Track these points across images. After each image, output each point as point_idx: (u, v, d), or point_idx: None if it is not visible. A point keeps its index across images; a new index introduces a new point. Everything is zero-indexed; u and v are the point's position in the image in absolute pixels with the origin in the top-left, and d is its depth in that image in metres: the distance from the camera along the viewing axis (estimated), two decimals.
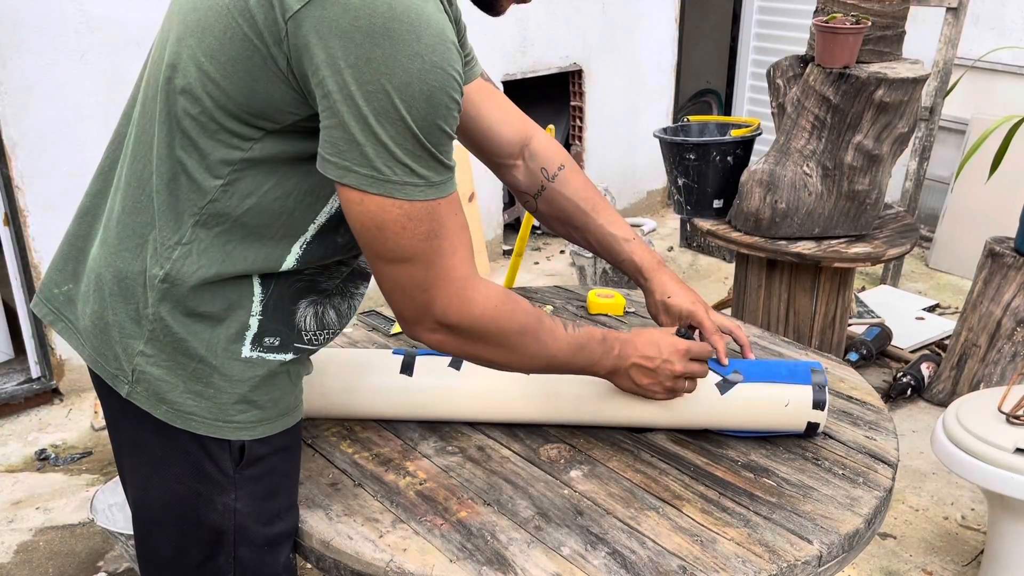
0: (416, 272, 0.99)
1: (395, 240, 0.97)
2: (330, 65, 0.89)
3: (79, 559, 2.37)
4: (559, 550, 1.08)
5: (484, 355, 1.10)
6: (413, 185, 0.94)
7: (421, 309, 1.02)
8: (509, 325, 1.08)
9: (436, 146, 0.94)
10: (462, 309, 1.03)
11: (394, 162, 0.92)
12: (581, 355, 1.18)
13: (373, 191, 0.93)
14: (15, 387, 3.08)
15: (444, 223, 0.99)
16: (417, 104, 0.90)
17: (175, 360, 1.05)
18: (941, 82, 3.74)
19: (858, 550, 1.16)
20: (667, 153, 2.85)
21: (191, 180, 1.00)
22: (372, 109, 0.89)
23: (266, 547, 1.12)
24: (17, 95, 2.81)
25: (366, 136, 0.91)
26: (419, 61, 0.89)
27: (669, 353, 1.23)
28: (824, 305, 2.77)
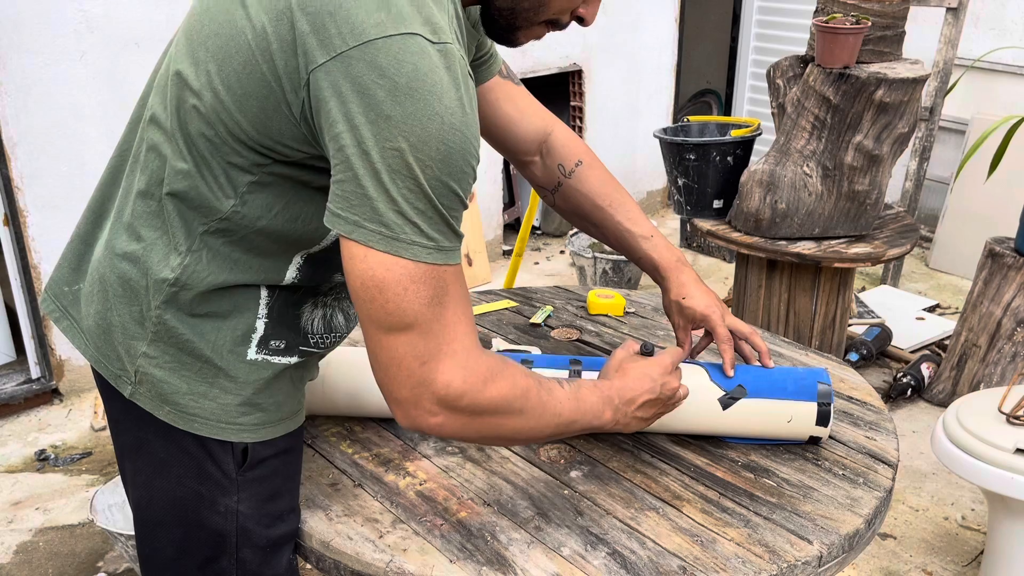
0: (416, 341, 0.94)
1: (396, 303, 0.93)
2: (348, 120, 0.88)
3: (79, 559, 2.37)
4: (559, 550, 1.08)
5: (491, 429, 1.02)
6: (421, 246, 0.92)
7: (420, 385, 0.95)
8: (513, 390, 1.02)
9: (448, 209, 0.93)
10: (466, 381, 0.96)
11: (404, 220, 0.90)
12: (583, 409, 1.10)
13: (379, 248, 0.91)
14: (15, 387, 3.08)
15: (449, 291, 0.95)
16: (432, 164, 0.89)
17: (179, 361, 1.05)
18: (941, 82, 3.74)
19: (858, 550, 1.16)
20: (667, 153, 2.85)
21: (202, 197, 1.00)
22: (386, 166, 0.88)
23: (268, 549, 1.12)
24: (17, 95, 2.81)
25: (378, 191, 0.89)
26: (438, 121, 0.88)
27: (662, 376, 1.19)
28: (824, 305, 2.77)
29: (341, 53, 0.87)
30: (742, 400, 1.26)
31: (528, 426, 1.04)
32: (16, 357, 3.25)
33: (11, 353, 3.25)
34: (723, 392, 1.26)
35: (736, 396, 1.26)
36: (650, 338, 1.65)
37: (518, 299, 1.83)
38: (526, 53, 4.22)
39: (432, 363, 0.95)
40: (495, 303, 1.80)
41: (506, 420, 1.02)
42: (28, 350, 3.09)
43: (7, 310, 3.26)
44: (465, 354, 0.97)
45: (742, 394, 1.26)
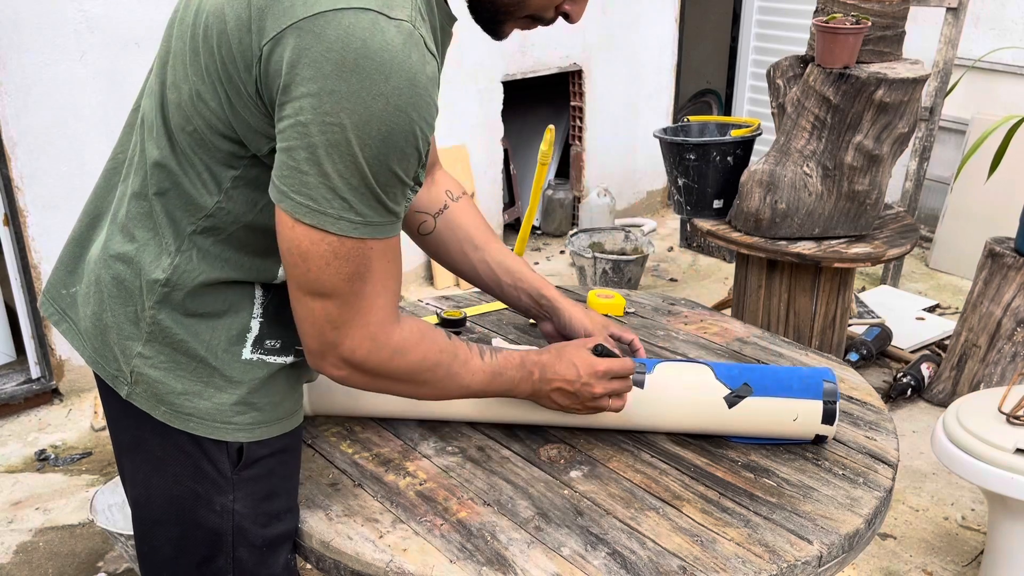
0: (332, 308, 0.98)
1: (317, 274, 0.95)
2: (293, 91, 0.88)
3: (79, 559, 2.37)
4: (559, 550, 1.07)
5: (391, 390, 1.09)
6: (349, 222, 0.93)
7: (328, 345, 1.00)
8: (421, 363, 1.07)
9: (383, 187, 0.93)
10: (372, 352, 1.02)
11: (334, 195, 0.91)
12: (498, 381, 1.17)
13: (306, 221, 0.92)
14: (15, 387, 3.08)
15: (372, 267, 0.97)
16: (373, 143, 0.90)
17: (174, 361, 1.05)
18: (941, 82, 3.74)
19: (858, 550, 1.16)
20: (667, 153, 2.85)
21: (187, 195, 1.01)
22: (325, 140, 0.89)
23: (265, 548, 1.12)
24: (17, 95, 2.81)
25: (311, 165, 0.90)
26: (383, 101, 0.88)
27: (588, 375, 1.21)
28: (824, 305, 2.77)
29: (292, 24, 0.88)
30: (748, 399, 1.26)
31: (431, 394, 1.13)
32: (16, 357, 3.25)
33: (11, 353, 3.25)
34: (729, 391, 1.26)
35: (742, 395, 1.26)
36: (650, 338, 1.65)
37: None
38: (526, 53, 4.22)
39: (343, 329, 0.99)
40: (495, 303, 1.80)
41: (407, 387, 1.10)
42: (28, 350, 3.09)
43: (7, 310, 3.26)
44: (377, 327, 1.01)
45: (748, 392, 1.26)
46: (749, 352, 1.60)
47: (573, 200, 4.77)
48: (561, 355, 1.22)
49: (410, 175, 0.96)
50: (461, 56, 3.97)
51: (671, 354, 1.58)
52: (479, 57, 4.04)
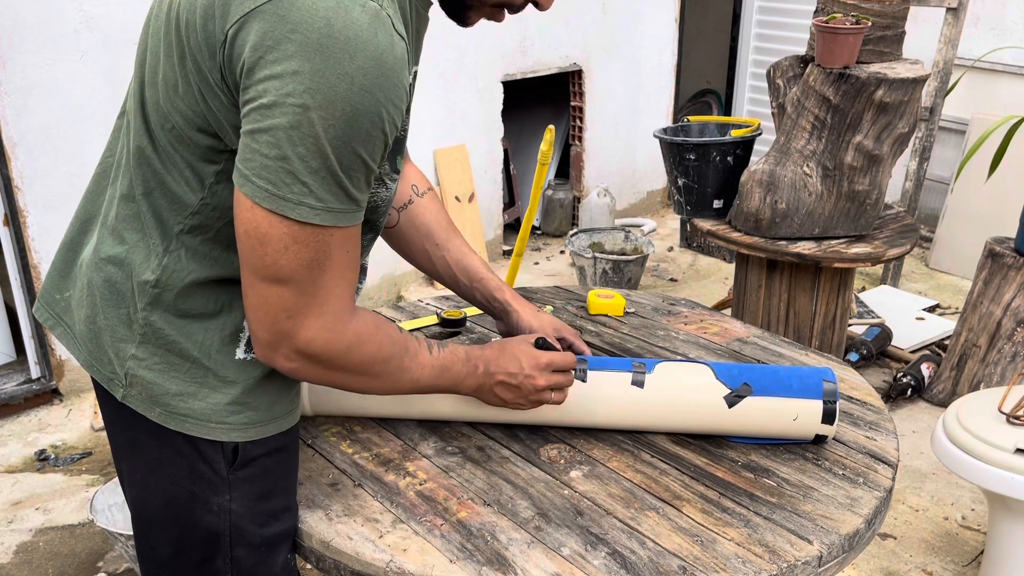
0: (287, 296, 0.95)
1: (275, 258, 0.93)
2: (256, 73, 0.88)
3: (79, 559, 2.37)
4: (559, 550, 1.07)
5: (343, 383, 1.08)
6: (309, 207, 0.91)
7: (281, 335, 0.98)
8: (374, 356, 1.06)
9: (347, 171, 0.91)
10: (329, 342, 1.00)
11: (294, 179, 0.89)
12: (445, 376, 1.16)
13: (265, 205, 0.90)
14: (15, 387, 3.08)
15: (331, 255, 0.95)
16: (336, 125, 0.88)
17: (168, 362, 1.05)
18: (941, 82, 3.74)
19: (858, 550, 1.16)
20: (667, 153, 2.85)
21: (172, 193, 1.01)
22: (286, 121, 0.87)
23: (263, 548, 1.12)
24: (17, 95, 2.81)
25: (271, 147, 0.88)
26: (347, 81, 0.87)
27: (531, 368, 1.22)
28: (824, 305, 2.77)
29: (256, 8, 0.87)
30: (747, 398, 1.26)
31: (381, 387, 1.11)
32: (16, 357, 3.25)
33: (11, 353, 3.25)
34: (729, 390, 1.26)
35: (742, 394, 1.26)
36: (650, 338, 1.65)
37: None
38: (526, 53, 4.23)
39: (298, 319, 0.97)
40: None
41: (359, 380, 1.07)
42: (28, 350, 3.09)
43: (7, 310, 3.26)
44: (334, 317, 0.99)
45: (748, 392, 1.26)
46: (749, 352, 1.60)
47: (573, 200, 4.77)
48: (504, 349, 1.23)
49: (376, 159, 0.94)
50: (461, 56, 3.97)
51: (671, 354, 1.58)
52: (479, 57, 4.04)
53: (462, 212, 4.09)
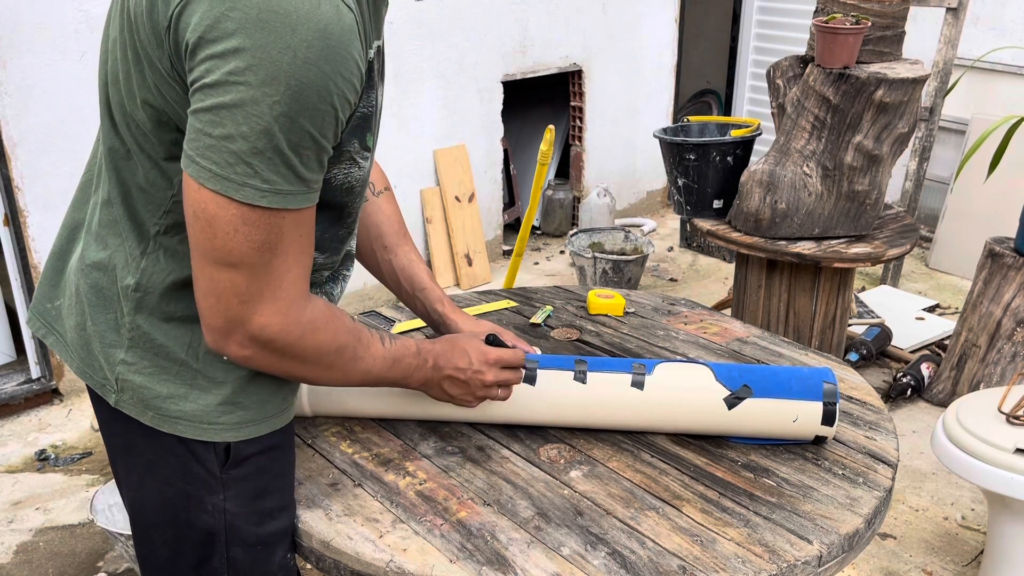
0: (239, 280, 0.93)
1: (224, 241, 0.91)
2: (199, 53, 0.86)
3: (79, 559, 2.37)
4: (559, 550, 1.08)
5: (297, 372, 1.05)
6: (255, 188, 0.89)
7: (234, 321, 0.95)
8: (329, 344, 1.04)
9: (295, 150, 0.89)
10: (284, 328, 0.97)
11: (236, 159, 0.87)
12: (396, 368, 1.15)
13: (210, 186, 0.88)
14: (15, 387, 3.08)
15: (284, 238, 0.93)
16: (281, 101, 0.86)
17: (157, 366, 1.05)
18: (941, 82, 3.74)
19: (858, 550, 1.16)
20: (667, 153, 2.85)
21: (145, 194, 1.01)
22: (230, 100, 0.85)
23: (259, 547, 1.12)
24: (17, 95, 2.82)
25: (214, 126, 0.86)
26: (290, 56, 0.85)
27: (480, 363, 1.22)
28: (824, 305, 2.77)
29: None
30: (747, 400, 1.26)
31: (334, 378, 1.09)
32: (16, 357, 3.25)
33: (11, 353, 3.25)
34: (728, 392, 1.26)
35: (741, 396, 1.26)
36: (650, 338, 1.65)
37: (518, 299, 1.83)
38: (526, 53, 4.23)
39: (252, 304, 0.94)
40: (495, 303, 1.80)
41: (313, 369, 1.05)
42: (28, 350, 3.09)
43: (7, 310, 3.26)
44: (288, 302, 0.97)
45: (747, 394, 1.26)
46: (749, 352, 1.60)
47: (573, 200, 4.77)
48: (454, 344, 1.23)
49: (327, 136, 0.92)
50: (461, 56, 3.97)
51: (671, 354, 1.58)
52: (479, 57, 4.04)
53: (462, 212, 4.09)
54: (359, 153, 1.03)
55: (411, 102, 3.85)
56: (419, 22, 3.76)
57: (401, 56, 3.75)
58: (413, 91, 3.84)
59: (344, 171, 1.03)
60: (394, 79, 3.75)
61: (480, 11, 3.97)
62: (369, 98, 1.00)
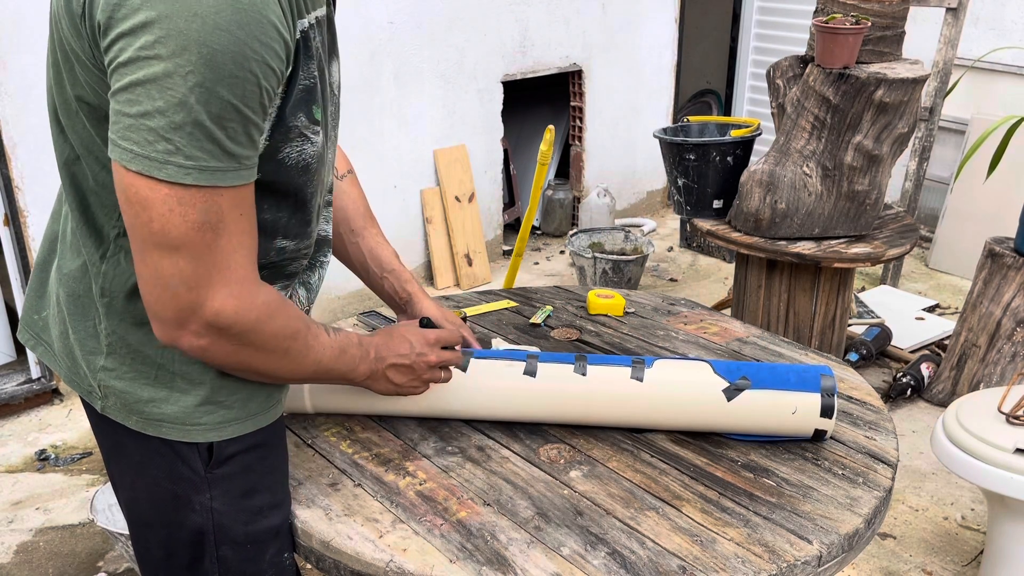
0: (184, 265, 0.89)
1: (161, 223, 0.87)
2: (111, 33, 0.85)
3: (79, 559, 2.37)
4: (559, 550, 1.08)
5: (253, 362, 1.02)
6: (178, 166, 0.85)
7: (186, 309, 0.92)
8: (284, 330, 1.01)
9: (218, 122, 0.85)
10: (239, 312, 0.94)
11: (156, 136, 0.84)
12: (343, 360, 1.13)
13: (133, 167, 0.85)
14: (15, 387, 3.08)
15: (224, 218, 0.89)
16: (195, 72, 0.82)
17: (136, 370, 1.05)
18: (941, 82, 3.74)
19: (858, 550, 1.16)
20: (667, 153, 2.85)
21: (98, 196, 1.00)
22: (143, 75, 0.83)
23: (249, 545, 1.12)
24: (17, 95, 2.82)
25: (131, 105, 0.84)
26: (198, 23, 0.82)
27: (421, 346, 1.22)
28: (824, 305, 2.77)
29: None
30: (746, 392, 1.26)
31: (288, 368, 1.05)
32: (16, 357, 3.25)
33: (11, 353, 3.25)
34: (727, 384, 1.27)
35: (740, 387, 1.26)
36: (649, 338, 1.65)
37: (518, 299, 1.83)
38: (526, 53, 4.23)
39: (202, 289, 0.91)
40: (495, 303, 1.80)
41: (269, 357, 1.02)
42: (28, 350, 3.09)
43: (7, 310, 3.26)
44: (240, 285, 0.93)
45: (746, 385, 1.27)
46: (749, 352, 1.60)
47: (573, 200, 4.77)
48: (392, 334, 1.23)
49: (253, 107, 0.88)
50: (461, 56, 3.97)
51: (671, 354, 1.58)
52: (479, 57, 4.04)
53: (462, 212, 4.09)
54: (308, 128, 1.00)
55: (411, 102, 3.85)
56: (419, 22, 3.77)
57: (401, 56, 3.75)
58: (413, 91, 3.84)
59: (296, 149, 1.00)
60: (394, 79, 3.75)
61: (480, 11, 3.97)
62: (310, 69, 0.97)
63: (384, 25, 3.65)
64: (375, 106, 3.71)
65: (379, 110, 3.73)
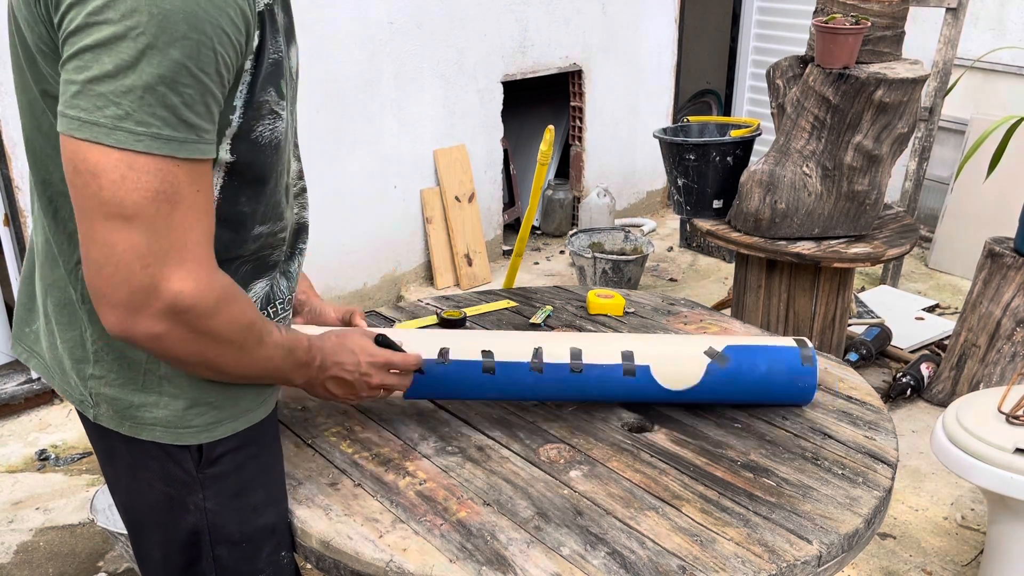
0: (138, 240, 0.84)
1: (113, 189, 0.82)
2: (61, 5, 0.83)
3: (79, 559, 2.37)
4: (559, 550, 1.08)
5: (208, 353, 0.96)
6: (128, 132, 0.81)
7: (141, 291, 0.85)
8: (241, 317, 0.96)
9: (173, 88, 0.82)
10: (198, 294, 0.88)
11: (105, 101, 0.81)
12: (289, 359, 1.08)
13: (78, 135, 0.81)
14: (15, 387, 3.08)
15: (180, 191, 0.85)
16: (146, 32, 0.80)
17: (124, 376, 1.04)
18: (941, 82, 3.75)
19: (858, 550, 1.16)
20: (667, 153, 2.85)
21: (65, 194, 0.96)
22: (93, 40, 0.80)
23: (244, 544, 1.12)
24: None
25: (79, 71, 0.81)
26: None
27: (367, 366, 1.19)
28: (824, 305, 2.77)
29: None
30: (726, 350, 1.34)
31: (243, 362, 1.00)
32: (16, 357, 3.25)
33: (11, 353, 3.25)
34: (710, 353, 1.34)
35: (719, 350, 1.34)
36: None
37: (518, 299, 1.83)
38: (526, 53, 4.23)
39: (158, 267, 0.85)
40: (495, 303, 1.80)
41: (226, 350, 0.97)
42: None
43: (7, 309, 3.26)
44: (197, 265, 0.88)
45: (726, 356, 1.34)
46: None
47: (573, 200, 4.77)
48: (343, 344, 1.19)
49: (209, 73, 0.85)
50: (461, 56, 3.97)
51: None
52: (479, 57, 4.04)
53: (462, 212, 4.09)
54: (278, 104, 0.98)
55: (411, 102, 3.85)
56: (419, 22, 3.77)
57: (401, 56, 3.75)
58: (413, 91, 3.84)
59: (269, 127, 0.98)
60: (394, 79, 3.75)
61: (480, 11, 3.97)
62: (277, 43, 0.96)
63: (384, 25, 3.65)
64: (375, 106, 3.71)
65: (379, 110, 3.73)
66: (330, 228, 3.61)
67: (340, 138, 3.62)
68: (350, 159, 3.68)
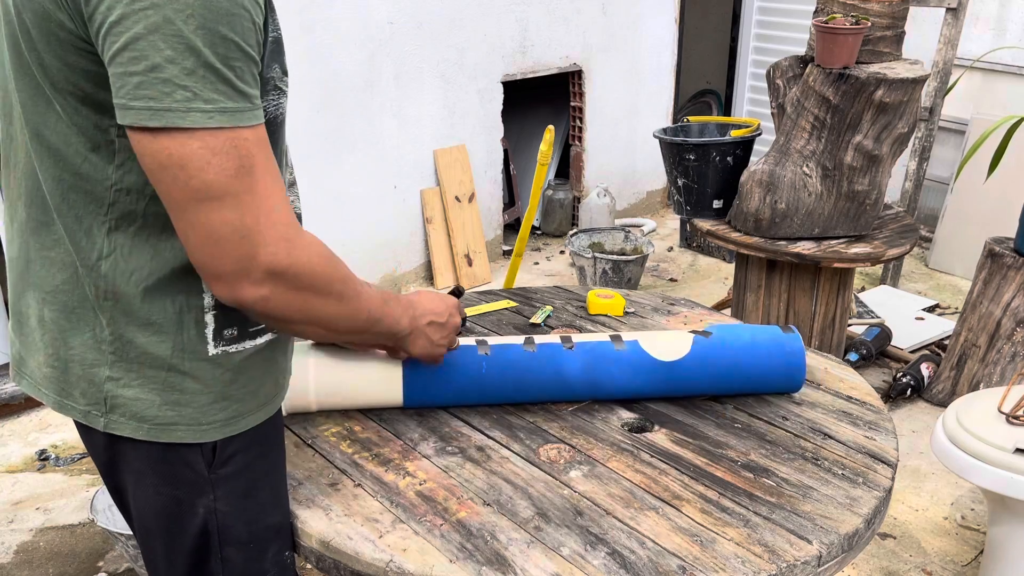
0: (230, 216, 0.89)
1: (201, 177, 0.86)
2: None
3: (79, 559, 2.37)
4: (559, 550, 1.08)
5: (314, 308, 1.00)
6: (200, 111, 0.84)
7: (244, 259, 0.91)
8: (335, 272, 1.01)
9: (226, 62, 0.85)
10: (292, 254, 0.94)
11: (172, 87, 0.83)
12: (387, 310, 1.15)
13: (152, 124, 0.84)
14: (16, 387, 3.09)
15: (254, 160, 0.89)
16: (193, 13, 0.82)
17: (145, 376, 1.02)
18: (941, 82, 3.75)
19: (858, 550, 1.16)
20: (667, 153, 2.85)
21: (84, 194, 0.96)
22: (143, 28, 0.81)
23: (252, 544, 1.12)
24: None
25: (136, 62, 0.82)
26: None
27: (452, 308, 1.30)
28: (824, 305, 2.77)
29: None
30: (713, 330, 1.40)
31: (344, 313, 1.05)
32: None
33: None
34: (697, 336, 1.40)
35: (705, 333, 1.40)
36: None
37: (518, 299, 1.83)
38: (526, 53, 4.23)
39: (252, 235, 0.90)
40: (495, 303, 1.80)
41: (327, 301, 1.01)
42: None
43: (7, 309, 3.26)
44: (286, 226, 0.93)
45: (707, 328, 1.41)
46: None
47: (573, 200, 4.77)
48: (422, 295, 1.28)
49: (251, 44, 0.88)
50: (461, 56, 3.97)
51: None
52: (479, 57, 4.04)
53: (462, 212, 4.09)
54: (282, 80, 1.01)
55: (411, 102, 3.85)
56: (419, 22, 3.77)
57: (401, 56, 3.75)
58: (413, 91, 3.84)
59: (275, 103, 1.00)
60: (394, 79, 3.75)
61: (480, 11, 3.97)
62: (275, 21, 0.98)
63: (384, 25, 3.65)
64: (375, 106, 3.71)
65: (379, 110, 3.73)
66: (330, 228, 3.61)
67: (340, 138, 3.62)
68: (350, 159, 3.68)
